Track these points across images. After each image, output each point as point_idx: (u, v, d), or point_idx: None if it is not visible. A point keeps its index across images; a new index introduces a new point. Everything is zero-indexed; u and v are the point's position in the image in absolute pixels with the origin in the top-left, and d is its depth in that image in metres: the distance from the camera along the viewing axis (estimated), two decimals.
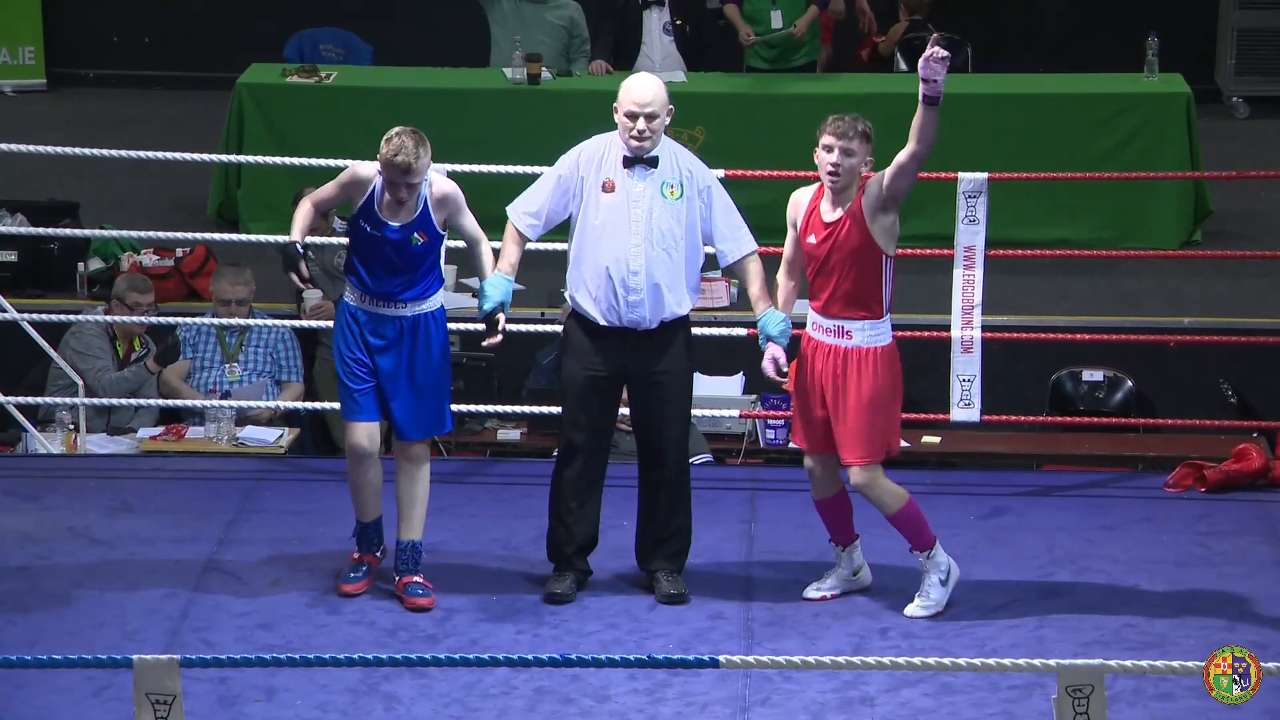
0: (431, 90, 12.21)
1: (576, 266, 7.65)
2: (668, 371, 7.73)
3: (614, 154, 7.65)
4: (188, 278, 11.41)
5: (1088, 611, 7.87)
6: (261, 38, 13.31)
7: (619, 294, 7.57)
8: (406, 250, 7.51)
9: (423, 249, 7.54)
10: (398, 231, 7.50)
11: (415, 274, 7.58)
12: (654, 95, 7.58)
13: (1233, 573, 8.18)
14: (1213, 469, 8.88)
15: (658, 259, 7.60)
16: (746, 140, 12.03)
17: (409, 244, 7.50)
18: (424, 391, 7.65)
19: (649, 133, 7.56)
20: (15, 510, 8.60)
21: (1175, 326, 10.68)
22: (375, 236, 7.50)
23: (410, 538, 7.71)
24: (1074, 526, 8.58)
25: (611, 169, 7.63)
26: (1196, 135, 12.11)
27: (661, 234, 7.62)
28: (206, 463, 9.45)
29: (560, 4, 12.50)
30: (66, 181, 11.79)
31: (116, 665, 6.04)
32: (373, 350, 7.60)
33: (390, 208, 7.50)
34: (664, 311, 7.65)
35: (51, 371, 10.20)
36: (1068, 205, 11.76)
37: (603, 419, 7.79)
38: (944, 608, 7.67)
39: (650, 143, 7.59)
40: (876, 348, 7.60)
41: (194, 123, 12.50)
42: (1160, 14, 13.15)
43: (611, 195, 7.60)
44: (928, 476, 9.31)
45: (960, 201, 8.94)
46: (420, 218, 7.53)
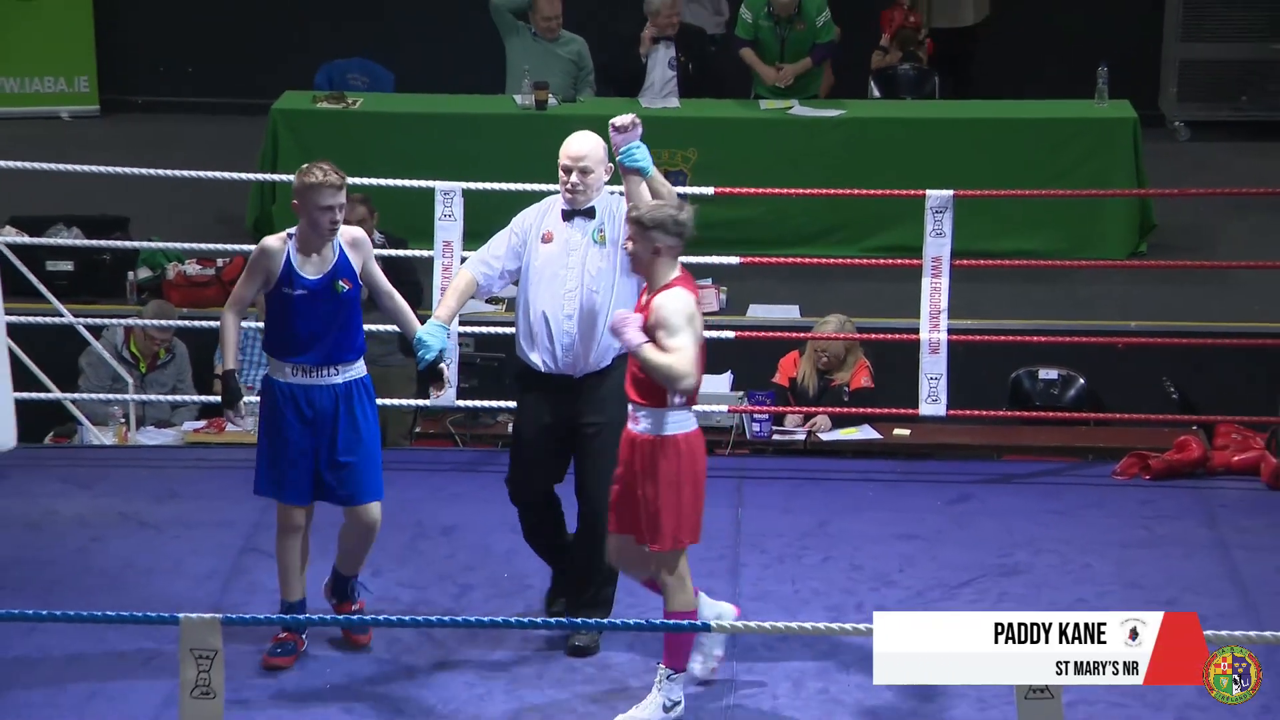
0: (447, 115, 12.22)
1: (521, 317, 7.29)
2: (603, 425, 7.20)
3: (556, 208, 7.33)
4: (227, 285, 11.39)
5: (1043, 588, 7.90)
6: (294, 67, 13.31)
7: (554, 338, 7.21)
8: (334, 299, 6.97)
9: (348, 295, 7.01)
10: (321, 281, 6.97)
11: (345, 329, 7.02)
12: (588, 150, 7.27)
13: (1174, 552, 8.21)
14: (1156, 459, 8.91)
15: (590, 303, 7.22)
16: (734, 160, 12.03)
17: (334, 291, 6.97)
18: (366, 456, 7.10)
19: (582, 185, 7.24)
20: (72, 497, 8.62)
21: (1123, 330, 10.69)
22: (301, 295, 6.95)
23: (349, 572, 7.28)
24: (1031, 511, 8.61)
25: (552, 221, 7.31)
26: (1142, 156, 12.11)
27: (593, 278, 7.21)
28: (244, 453, 9.43)
29: (568, 40, 12.54)
30: (117, 198, 11.80)
31: (165, 623, 6.05)
32: (307, 424, 7.06)
33: (309, 264, 6.97)
34: (595, 356, 7.24)
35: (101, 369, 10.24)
36: (1026, 219, 11.76)
37: (553, 472, 7.38)
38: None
39: (583, 195, 7.24)
40: (659, 436, 6.79)
41: (233, 144, 12.50)
42: (1110, 46, 13.15)
43: (550, 245, 7.27)
44: (899, 466, 9.34)
45: (928, 216, 8.95)
46: (339, 263, 6.99)
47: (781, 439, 9.91)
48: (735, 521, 8.46)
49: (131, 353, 10.46)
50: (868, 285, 11.02)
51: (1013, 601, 7.74)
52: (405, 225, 10.53)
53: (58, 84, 14.42)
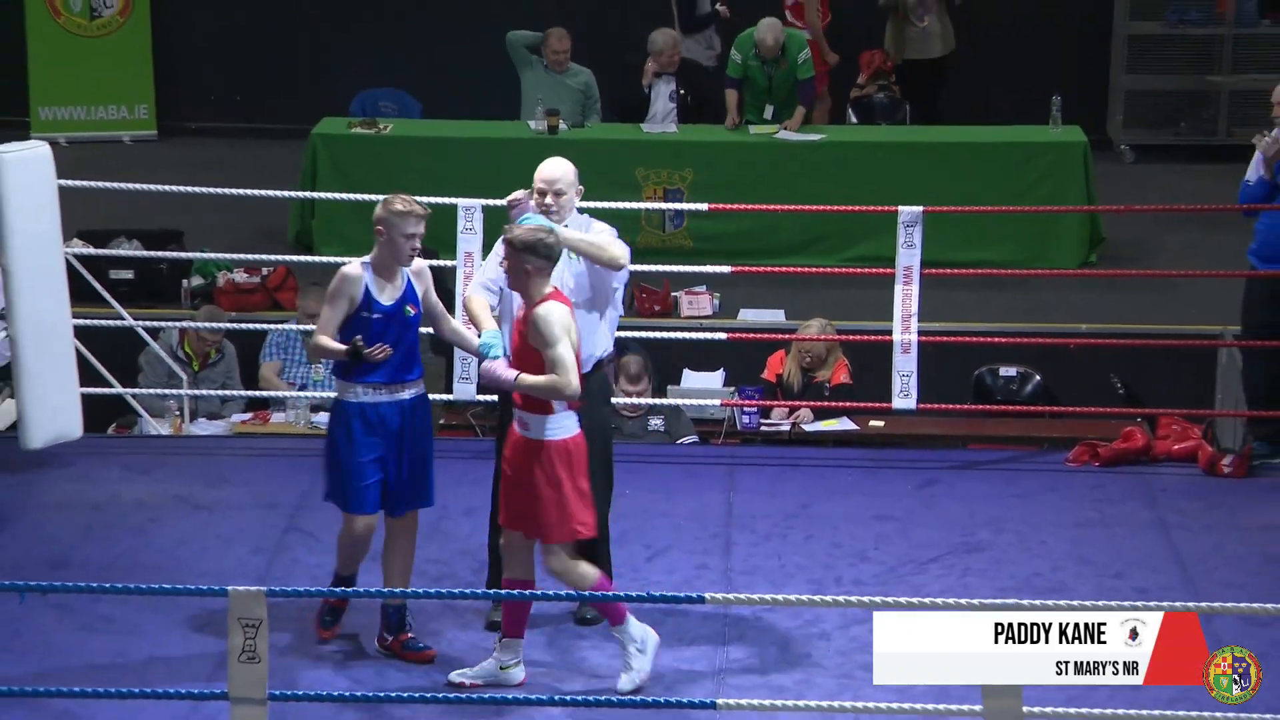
0: (468, 139, 12.23)
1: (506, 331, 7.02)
2: (584, 423, 6.87)
3: None
4: (271, 292, 11.44)
5: (1004, 563, 7.89)
6: (331, 96, 13.32)
7: None
8: (403, 323, 6.88)
9: (413, 320, 6.92)
10: (394, 306, 6.87)
11: (410, 350, 6.92)
12: (560, 174, 7.10)
13: (1120, 531, 8.20)
14: (1105, 448, 8.90)
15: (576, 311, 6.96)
16: (727, 179, 12.05)
17: (404, 315, 6.89)
18: (419, 468, 6.99)
19: (556, 206, 7.08)
20: (132, 482, 8.62)
21: (1075, 332, 10.70)
22: (378, 319, 6.83)
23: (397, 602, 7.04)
24: (992, 494, 8.59)
25: None
26: (1092, 176, 12.13)
27: (572, 292, 7.07)
28: (287, 442, 9.46)
29: (577, 71, 12.56)
30: (173, 213, 11.80)
31: (215, 595, 6.06)
32: (375, 439, 6.89)
33: (385, 290, 6.86)
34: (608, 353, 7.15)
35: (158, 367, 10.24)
36: (988, 233, 11.77)
37: None
38: (648, 674, 6.76)
39: (558, 215, 7.07)
40: (541, 441, 6.65)
41: (276, 165, 12.50)
42: (1062, 78, 13.17)
43: None
44: (874, 454, 9.32)
45: (900, 230, 8.95)
46: (407, 290, 6.91)
47: (769, 430, 9.91)
48: (727, 504, 8.45)
49: (185, 352, 10.46)
50: (846, 292, 11.02)
51: (976, 576, 7.74)
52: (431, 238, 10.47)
53: (120, 112, 14.43)
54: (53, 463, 8.67)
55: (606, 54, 12.86)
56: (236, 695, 5.88)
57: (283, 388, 10.32)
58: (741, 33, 12.37)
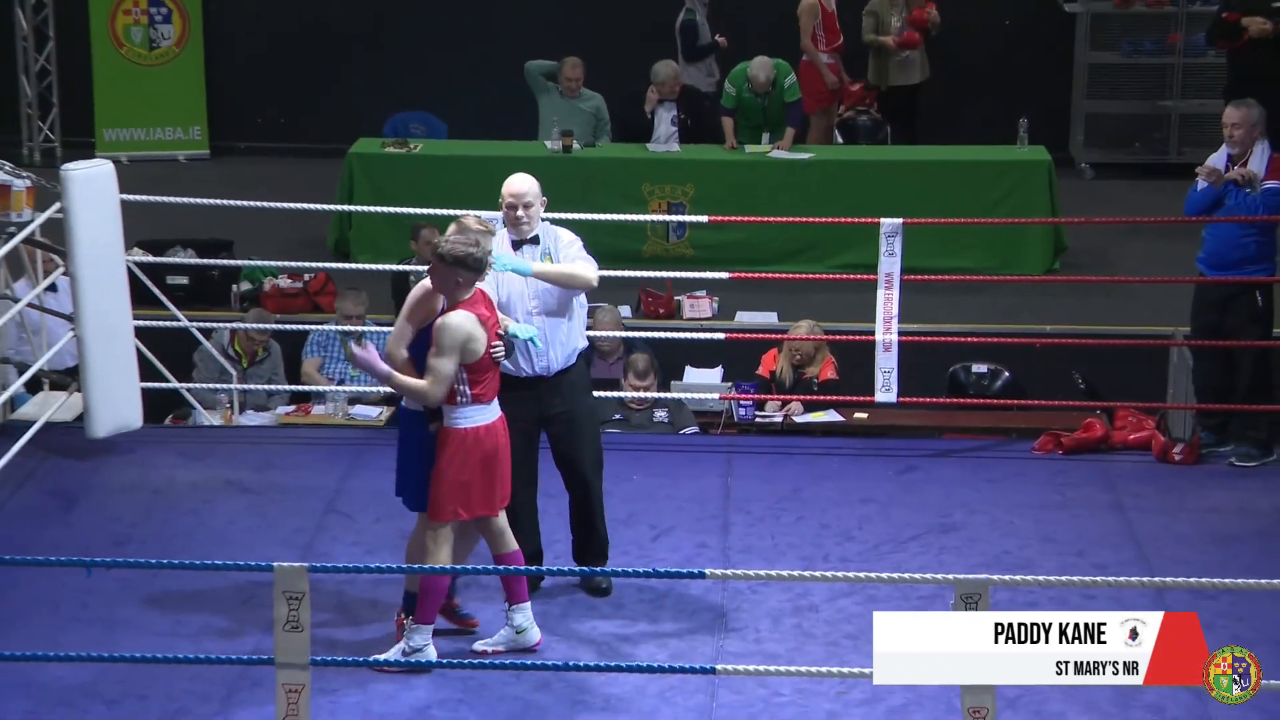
0: (490, 157, 12.20)
1: None
2: (574, 410, 7.06)
3: (504, 242, 7.01)
4: (312, 296, 11.43)
5: (975, 542, 7.87)
6: (366, 119, 13.30)
7: (528, 349, 6.95)
8: None
9: None
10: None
11: None
12: (527, 189, 7.03)
13: (1081, 513, 8.18)
14: (1067, 437, 8.88)
15: (550, 314, 7.02)
16: (725, 194, 12.04)
17: None
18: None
19: (525, 218, 7.03)
20: (187, 467, 8.61)
21: (1040, 332, 10.67)
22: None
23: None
24: (966, 480, 8.57)
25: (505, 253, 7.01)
26: (1056, 191, 12.11)
27: (548, 293, 6.97)
28: (326, 432, 9.46)
29: (589, 96, 12.57)
30: (224, 225, 11.80)
31: (260, 570, 6.05)
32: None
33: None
34: (563, 357, 7.03)
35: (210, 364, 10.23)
36: (961, 242, 11.75)
37: (527, 462, 7.04)
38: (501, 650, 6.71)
39: (527, 226, 7.04)
40: (452, 430, 6.54)
41: (316, 181, 12.49)
42: (1028, 102, 13.17)
43: (506, 274, 6.99)
44: (858, 443, 9.31)
45: (882, 240, 8.93)
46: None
47: (763, 421, 9.89)
48: (725, 488, 8.44)
49: (235, 350, 10.45)
50: (833, 296, 11.00)
51: (950, 554, 7.72)
52: None
53: (175, 133, 14.42)
54: (115, 450, 8.66)
55: (614, 81, 12.84)
56: (282, 661, 5.87)
57: (323, 382, 10.32)
58: (735, 67, 12.40)
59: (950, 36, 13.55)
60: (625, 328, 10.12)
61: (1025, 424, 9.76)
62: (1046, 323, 10.98)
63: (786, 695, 6.53)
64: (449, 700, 6.54)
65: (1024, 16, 14.22)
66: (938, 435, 9.77)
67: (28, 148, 14.12)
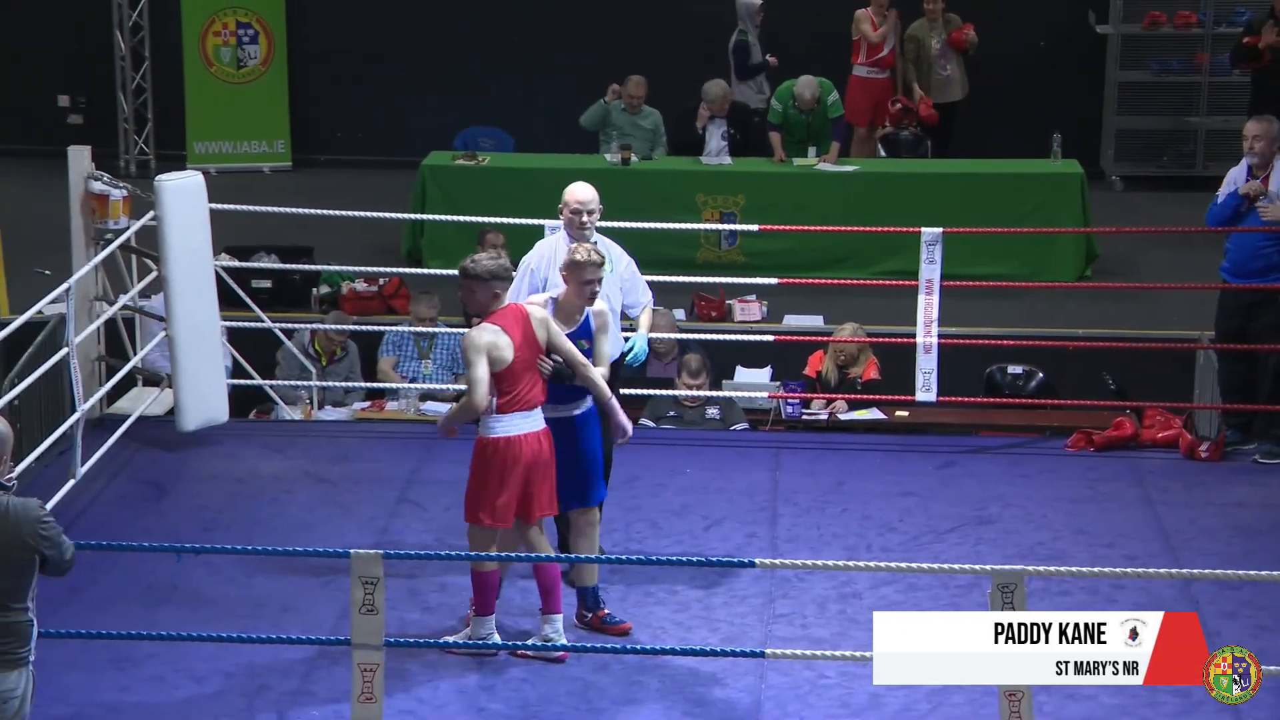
0: (553, 169, 12.18)
1: None
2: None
3: (561, 248, 6.94)
4: (387, 299, 11.44)
5: (1011, 534, 7.81)
6: (438, 133, 13.32)
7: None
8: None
9: (587, 354, 6.66)
10: (571, 338, 6.62)
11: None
12: (591, 196, 7.04)
13: (1111, 507, 8.11)
14: (1098, 435, 8.81)
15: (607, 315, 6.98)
16: (774, 204, 11.99)
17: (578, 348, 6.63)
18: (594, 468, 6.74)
19: (590, 224, 7.03)
20: (269, 459, 8.63)
21: (1072, 336, 10.58)
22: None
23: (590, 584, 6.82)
24: (1001, 474, 8.51)
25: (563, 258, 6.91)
26: (1087, 202, 12.02)
27: (605, 298, 6.88)
28: (400, 427, 9.47)
29: (648, 113, 12.58)
30: (305, 232, 11.83)
31: (338, 557, 6.05)
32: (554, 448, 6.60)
33: (564, 326, 6.63)
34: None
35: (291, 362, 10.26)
36: (998, 250, 11.67)
37: None
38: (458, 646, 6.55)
39: (591, 231, 7.05)
40: (479, 438, 6.50)
41: (391, 191, 12.52)
42: (1061, 118, 13.08)
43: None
44: (899, 440, 9.26)
45: (923, 248, 8.87)
46: (583, 325, 6.69)
47: (809, 418, 9.84)
48: (774, 481, 8.40)
49: (315, 350, 10.46)
50: (875, 300, 10.93)
51: (987, 545, 7.66)
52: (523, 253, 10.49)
53: (260, 146, 14.47)
54: (203, 442, 8.69)
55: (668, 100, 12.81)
56: (358, 642, 5.87)
57: (396, 380, 10.32)
58: (780, 85, 12.38)
59: (988, 56, 13.47)
60: (679, 330, 10.09)
61: (1058, 422, 9.68)
62: (1078, 327, 10.89)
63: (832, 678, 6.49)
64: (513, 679, 6.53)
65: (1058, 37, 14.13)
66: (975, 433, 9.71)
67: (124, 160, 14.20)
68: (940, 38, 13.10)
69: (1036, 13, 14.08)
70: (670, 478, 7.97)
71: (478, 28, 14.32)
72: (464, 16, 14.28)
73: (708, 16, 13.56)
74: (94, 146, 9.09)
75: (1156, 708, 6.04)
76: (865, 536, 7.77)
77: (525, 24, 14.31)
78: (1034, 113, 13.64)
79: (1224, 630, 6.78)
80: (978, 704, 6.16)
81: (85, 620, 6.75)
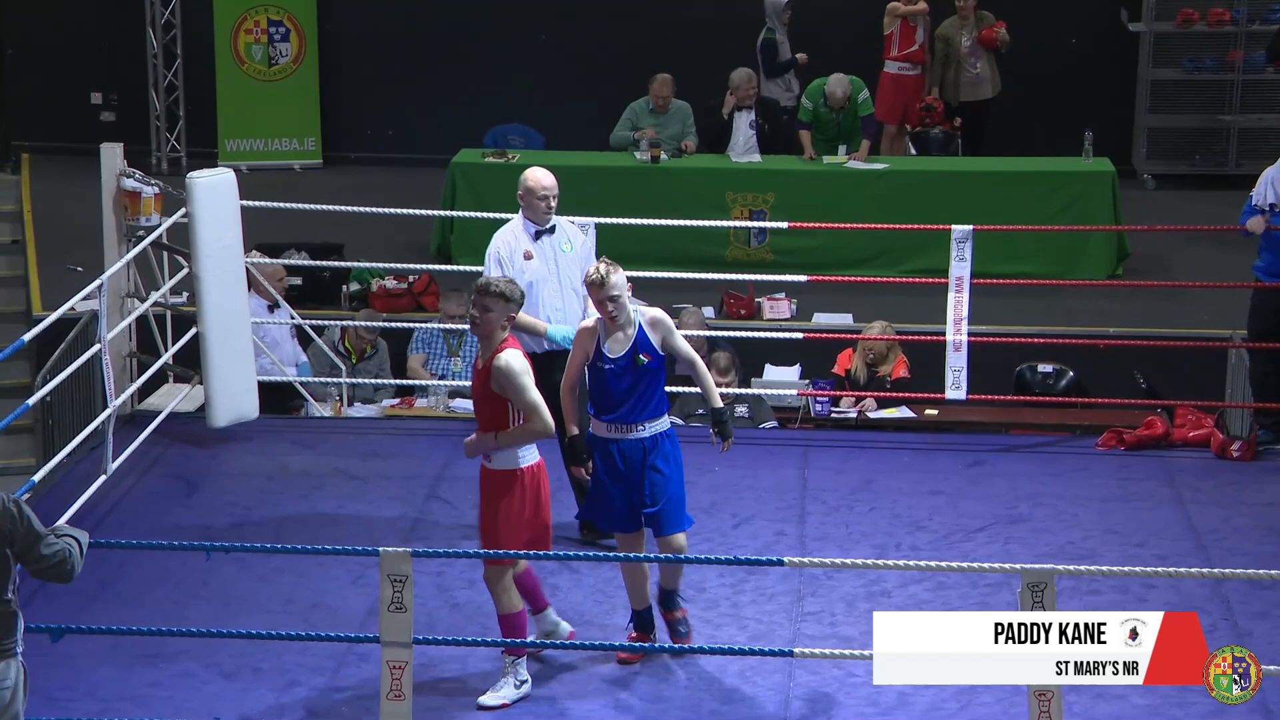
0: (584, 167, 12.19)
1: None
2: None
3: (521, 235, 7.28)
4: (417, 296, 11.45)
5: (1041, 533, 7.78)
6: (468, 131, 13.33)
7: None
8: (635, 371, 6.49)
9: (650, 367, 6.50)
10: (624, 357, 6.49)
11: (647, 394, 6.51)
12: (554, 182, 7.30)
13: (1142, 506, 8.07)
14: (1129, 434, 8.77)
15: (567, 299, 7.30)
16: (804, 202, 11.96)
17: (636, 365, 6.48)
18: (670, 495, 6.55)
19: (552, 209, 7.29)
20: (299, 455, 8.65)
21: (1103, 334, 10.54)
22: (609, 368, 6.49)
23: (670, 586, 6.66)
24: (1031, 473, 8.48)
25: (526, 244, 7.28)
26: (1119, 201, 11.96)
27: (569, 278, 7.27)
28: (429, 423, 9.47)
29: (677, 107, 12.54)
30: (335, 229, 11.85)
31: (367, 554, 6.06)
32: (619, 470, 6.51)
33: (614, 343, 6.52)
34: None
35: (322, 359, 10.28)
36: (1029, 249, 11.62)
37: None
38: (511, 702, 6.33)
39: (551, 216, 7.29)
40: (500, 470, 6.33)
41: (421, 189, 12.52)
42: (1093, 116, 13.02)
43: (533, 261, 7.26)
44: (929, 438, 9.23)
45: (953, 245, 8.85)
46: (638, 340, 6.50)
47: (838, 416, 9.82)
48: (802, 479, 8.38)
49: (345, 347, 10.49)
50: (905, 298, 10.91)
51: (1017, 543, 7.63)
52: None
53: (291, 144, 14.51)
54: (234, 439, 8.72)
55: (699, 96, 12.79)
56: (386, 639, 5.88)
57: (426, 377, 10.33)
58: (811, 84, 12.36)
59: (1019, 54, 13.42)
60: (708, 327, 10.07)
61: (1089, 421, 9.64)
62: (1109, 325, 10.84)
63: (860, 677, 6.46)
64: (540, 678, 6.53)
65: (1090, 35, 14.06)
66: (1005, 431, 9.67)
67: (156, 157, 14.25)
68: (971, 35, 13.06)
69: (1069, 10, 14.02)
70: (699, 475, 7.96)
71: (508, 25, 14.32)
72: (494, 14, 14.29)
73: (737, 14, 13.54)
74: (126, 144, 9.13)
75: (1186, 708, 6.00)
76: (894, 535, 7.74)
77: (555, 22, 14.31)
78: (1066, 110, 13.58)
79: (1255, 630, 6.74)
80: (1007, 702, 6.14)
81: (115, 616, 6.78)
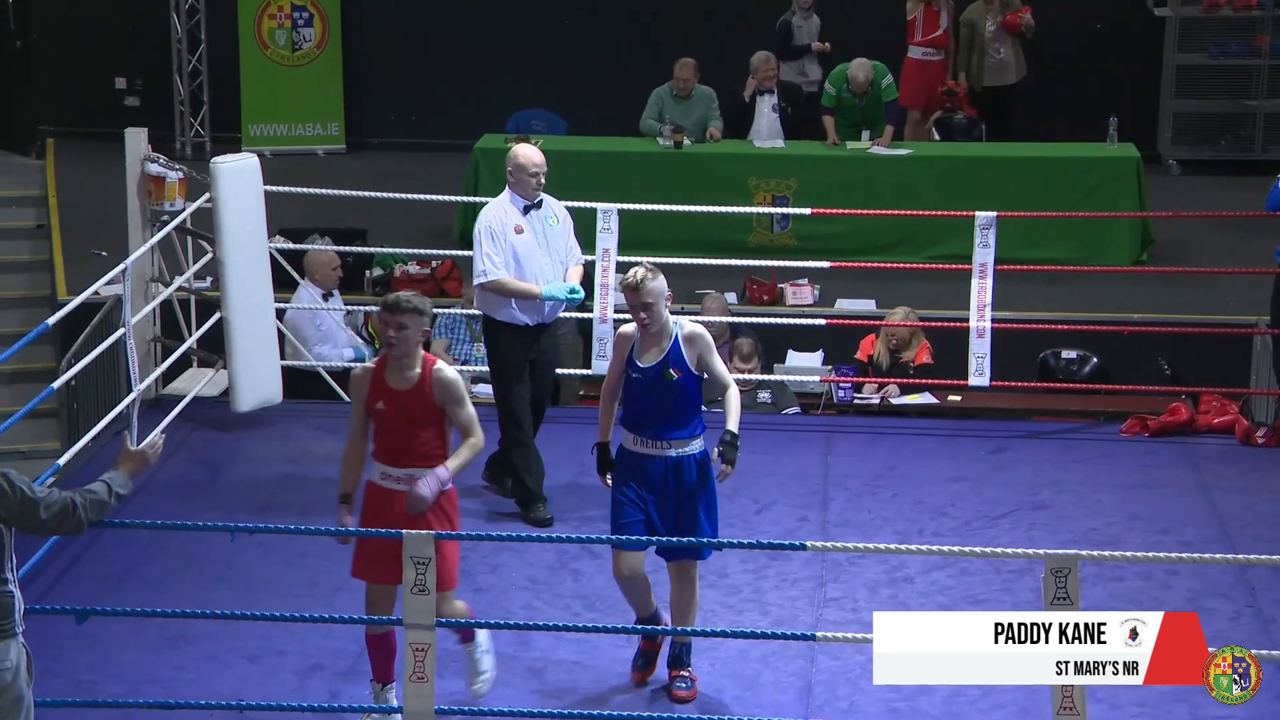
0: (607, 153, 12.20)
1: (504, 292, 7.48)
2: (550, 352, 7.75)
3: (510, 210, 7.53)
4: (440, 282, 11.46)
5: (1064, 519, 7.78)
6: (490, 116, 13.34)
7: (542, 300, 7.50)
8: (664, 384, 6.22)
9: (680, 382, 6.22)
10: (654, 368, 6.22)
11: (677, 411, 6.23)
12: (543, 160, 7.55)
13: (1166, 493, 8.06)
14: (1153, 420, 8.76)
15: (556, 270, 7.56)
16: (827, 187, 11.94)
17: (665, 378, 6.22)
18: (690, 523, 6.29)
19: (541, 185, 7.52)
20: (322, 440, 8.68)
21: (1127, 320, 10.51)
22: (637, 378, 6.25)
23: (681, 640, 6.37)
24: (1054, 460, 8.48)
25: (515, 218, 7.52)
26: (1144, 186, 11.92)
27: (558, 251, 7.59)
28: None
29: (701, 93, 12.50)
30: (358, 214, 11.88)
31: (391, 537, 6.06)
32: (640, 488, 6.26)
33: (648, 353, 6.27)
34: (559, 308, 7.63)
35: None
36: (1053, 235, 11.59)
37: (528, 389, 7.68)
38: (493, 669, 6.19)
39: (541, 191, 7.54)
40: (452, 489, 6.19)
41: (444, 174, 12.54)
42: (1118, 101, 12.98)
43: (523, 235, 7.50)
44: (952, 424, 9.23)
45: (976, 232, 8.84)
46: (671, 353, 6.23)
47: (861, 402, 9.81)
48: (825, 465, 8.39)
49: (369, 332, 10.50)
50: (928, 284, 10.89)
51: (1040, 530, 7.63)
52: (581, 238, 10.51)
53: (314, 129, 14.53)
54: (258, 423, 8.75)
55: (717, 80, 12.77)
56: (410, 621, 5.90)
57: (449, 362, 10.31)
58: (834, 69, 12.33)
59: (1044, 39, 13.38)
60: (731, 313, 10.08)
61: (1112, 408, 9.62)
62: (1134, 311, 10.81)
63: None
64: (564, 662, 6.55)
65: (1115, 20, 14.01)
66: (1028, 417, 9.66)
67: (180, 143, 14.29)
68: (996, 20, 13.02)
69: None
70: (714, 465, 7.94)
71: (531, 10, 14.33)
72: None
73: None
74: (150, 129, 9.16)
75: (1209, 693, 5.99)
76: (917, 521, 7.75)
77: (579, 7, 14.31)
78: (1090, 96, 13.54)
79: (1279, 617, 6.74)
80: (1030, 689, 6.13)
81: (140, 599, 6.82)
